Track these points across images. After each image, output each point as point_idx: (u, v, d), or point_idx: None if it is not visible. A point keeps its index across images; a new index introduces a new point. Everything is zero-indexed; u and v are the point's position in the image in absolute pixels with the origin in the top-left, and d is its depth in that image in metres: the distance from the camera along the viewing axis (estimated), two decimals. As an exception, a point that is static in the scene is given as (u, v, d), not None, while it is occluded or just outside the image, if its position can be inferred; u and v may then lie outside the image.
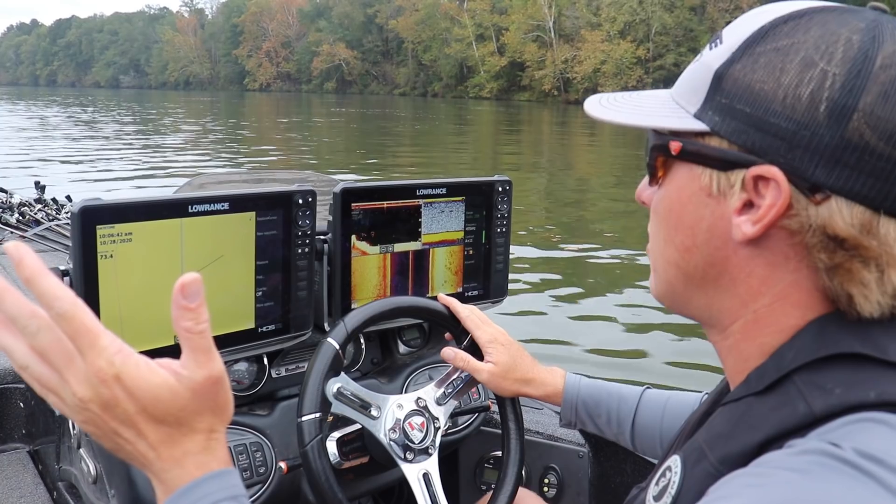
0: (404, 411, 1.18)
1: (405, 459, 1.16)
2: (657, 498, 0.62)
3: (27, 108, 35.92)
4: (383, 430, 1.16)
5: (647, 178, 0.68)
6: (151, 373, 0.55)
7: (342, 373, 1.18)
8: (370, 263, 1.40)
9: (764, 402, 0.56)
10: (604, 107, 0.67)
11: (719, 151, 0.58)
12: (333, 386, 1.15)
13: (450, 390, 1.23)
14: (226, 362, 1.28)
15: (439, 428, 1.20)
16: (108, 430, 0.55)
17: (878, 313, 0.55)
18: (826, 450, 0.49)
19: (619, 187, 12.08)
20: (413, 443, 1.16)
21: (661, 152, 0.62)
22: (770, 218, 0.55)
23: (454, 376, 1.24)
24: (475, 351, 1.18)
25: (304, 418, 1.09)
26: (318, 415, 1.10)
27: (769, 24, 0.57)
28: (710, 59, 0.60)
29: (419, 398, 1.21)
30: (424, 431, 1.17)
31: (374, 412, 1.17)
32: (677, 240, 0.63)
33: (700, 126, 0.59)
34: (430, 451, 1.17)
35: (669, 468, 0.62)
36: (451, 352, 1.19)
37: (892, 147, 0.52)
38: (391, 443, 1.16)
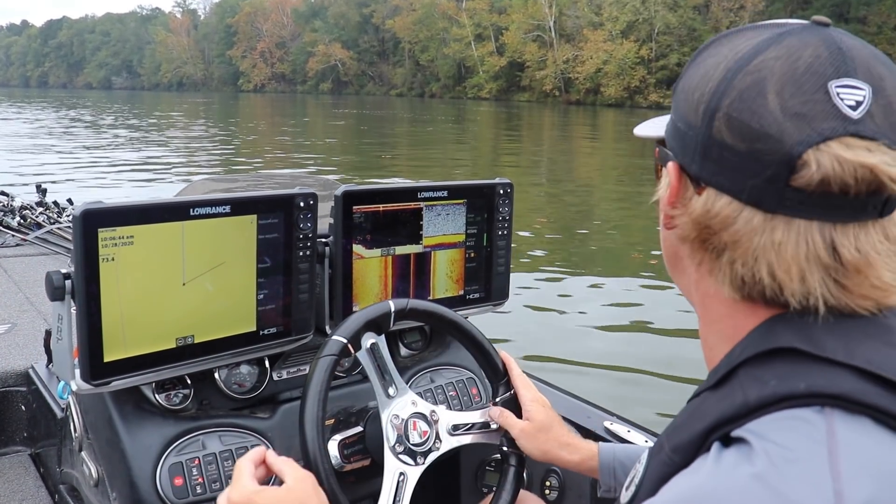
0: (415, 410, 1.19)
1: (393, 451, 1.15)
2: (627, 487, 0.71)
3: (20, 111, 35.96)
4: (388, 413, 1.17)
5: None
6: (273, 487, 0.91)
7: (383, 336, 1.19)
8: (371, 266, 1.43)
9: (713, 395, 0.62)
10: (642, 125, 0.78)
11: (662, 152, 0.69)
12: (369, 340, 1.16)
13: (468, 430, 1.24)
14: (227, 365, 1.32)
15: (438, 450, 1.19)
16: None
17: (735, 298, 0.63)
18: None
19: (622, 185, 12.11)
20: (408, 441, 1.17)
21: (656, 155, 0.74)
22: (666, 201, 0.66)
23: (479, 422, 1.25)
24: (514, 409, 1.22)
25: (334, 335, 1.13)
26: (344, 340, 1.12)
27: (706, 44, 0.67)
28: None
29: (434, 411, 1.21)
30: (423, 440, 1.18)
31: (390, 391, 1.18)
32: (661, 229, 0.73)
33: (659, 132, 0.72)
34: (419, 460, 1.17)
35: (640, 461, 0.70)
36: (497, 410, 1.22)
37: (745, 143, 0.58)
38: (389, 426, 1.16)
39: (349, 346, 1.13)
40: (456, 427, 1.22)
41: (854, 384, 0.55)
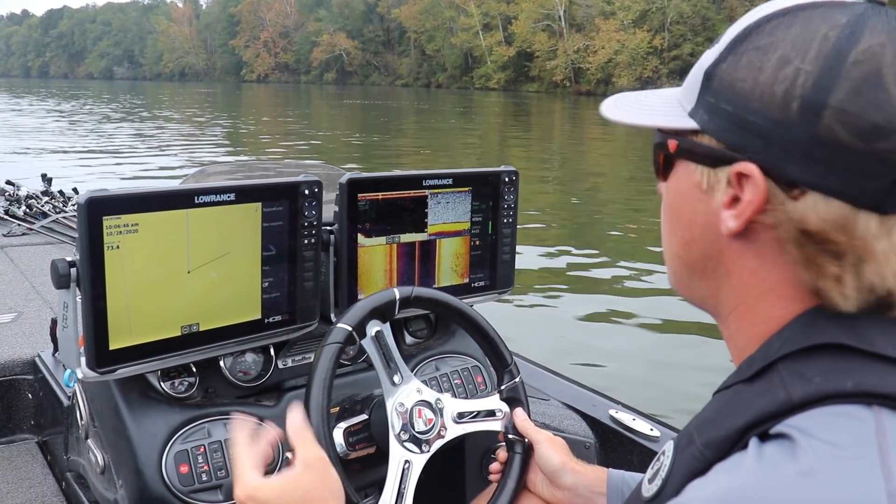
0: (420, 397, 1.21)
1: (398, 439, 1.17)
2: (651, 480, 0.68)
3: (28, 103, 36.14)
4: (393, 401, 1.19)
5: None
6: (277, 477, 0.87)
7: (388, 324, 1.21)
8: (376, 254, 1.45)
9: (749, 389, 0.60)
10: (617, 108, 0.71)
11: (708, 149, 0.62)
12: (374, 328, 1.18)
13: (473, 418, 1.25)
14: (232, 353, 1.35)
15: (443, 437, 1.21)
16: None
17: (854, 308, 0.58)
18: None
19: (633, 181, 12.09)
20: (413, 429, 1.18)
21: (662, 149, 0.68)
22: (749, 213, 0.60)
23: (485, 410, 1.26)
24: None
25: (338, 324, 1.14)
26: (349, 328, 1.13)
27: (754, 24, 0.61)
28: (704, 58, 0.65)
29: (439, 399, 1.22)
30: (428, 428, 1.20)
31: (395, 378, 1.20)
32: (678, 233, 0.68)
33: (693, 124, 0.63)
34: (424, 447, 1.18)
35: (664, 452, 0.67)
36: (521, 419, 1.23)
37: (863, 143, 0.54)
38: (394, 414, 1.18)
39: (354, 333, 1.15)
40: (461, 415, 1.24)
41: None
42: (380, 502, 1.12)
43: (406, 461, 1.16)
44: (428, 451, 1.19)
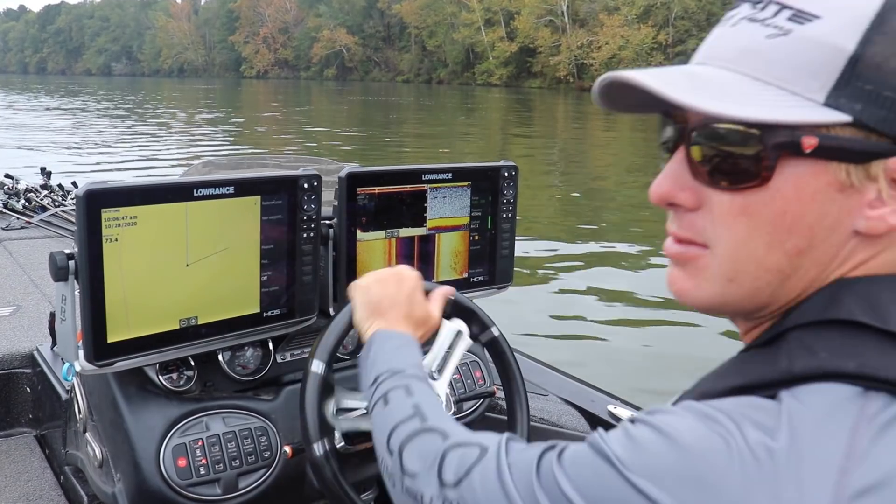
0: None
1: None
2: None
3: (26, 98, 36.20)
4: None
5: (671, 173, 0.63)
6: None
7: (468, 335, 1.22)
8: (375, 248, 1.46)
9: (757, 354, 0.60)
10: (695, 92, 0.57)
11: (861, 143, 0.55)
12: (459, 325, 1.20)
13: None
14: (231, 347, 1.36)
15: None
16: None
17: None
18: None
19: (636, 175, 12.09)
20: None
21: (788, 149, 0.56)
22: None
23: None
24: None
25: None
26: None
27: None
28: (826, 37, 0.56)
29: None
30: None
31: (436, 374, 1.20)
32: (790, 243, 0.58)
33: (836, 116, 0.55)
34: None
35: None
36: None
37: None
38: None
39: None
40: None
41: None
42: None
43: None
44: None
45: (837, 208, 0.57)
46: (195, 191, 1.21)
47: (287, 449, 1.28)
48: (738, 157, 0.58)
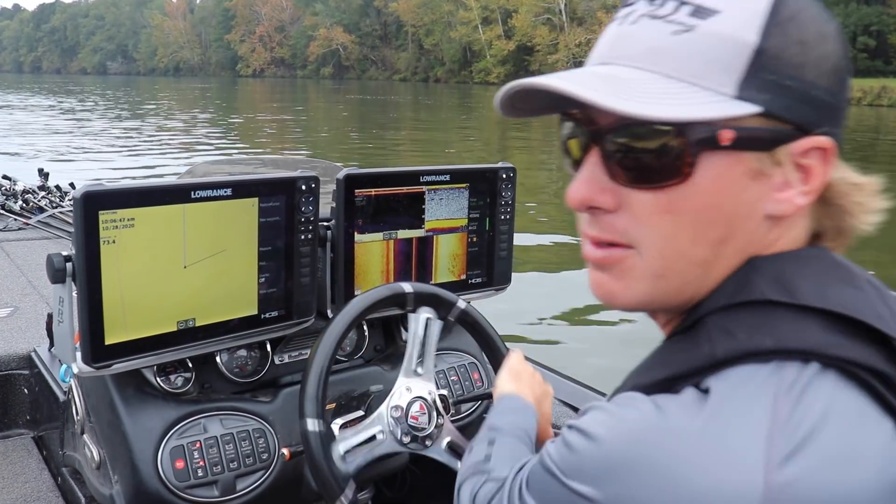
0: (427, 396, 1.25)
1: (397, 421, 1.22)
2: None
3: (21, 99, 36.16)
4: (405, 383, 1.25)
5: (587, 176, 0.62)
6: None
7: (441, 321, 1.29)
8: (373, 250, 1.46)
9: (681, 341, 0.61)
10: (615, 94, 0.57)
11: (770, 132, 0.58)
12: (427, 313, 1.27)
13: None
14: (229, 349, 1.36)
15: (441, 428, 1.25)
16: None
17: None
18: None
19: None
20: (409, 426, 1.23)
21: (707, 144, 0.57)
22: (819, 185, 0.60)
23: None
24: None
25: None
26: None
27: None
28: (730, 31, 0.57)
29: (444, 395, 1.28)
30: (426, 425, 1.23)
31: (419, 369, 1.26)
32: (712, 235, 0.60)
33: (747, 108, 0.57)
34: (427, 442, 1.24)
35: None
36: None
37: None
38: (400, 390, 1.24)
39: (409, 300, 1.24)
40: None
41: (821, 337, 0.55)
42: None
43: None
44: (429, 446, 1.24)
45: (751, 195, 0.59)
46: (192, 193, 1.21)
47: (285, 451, 1.28)
48: (659, 155, 0.59)
